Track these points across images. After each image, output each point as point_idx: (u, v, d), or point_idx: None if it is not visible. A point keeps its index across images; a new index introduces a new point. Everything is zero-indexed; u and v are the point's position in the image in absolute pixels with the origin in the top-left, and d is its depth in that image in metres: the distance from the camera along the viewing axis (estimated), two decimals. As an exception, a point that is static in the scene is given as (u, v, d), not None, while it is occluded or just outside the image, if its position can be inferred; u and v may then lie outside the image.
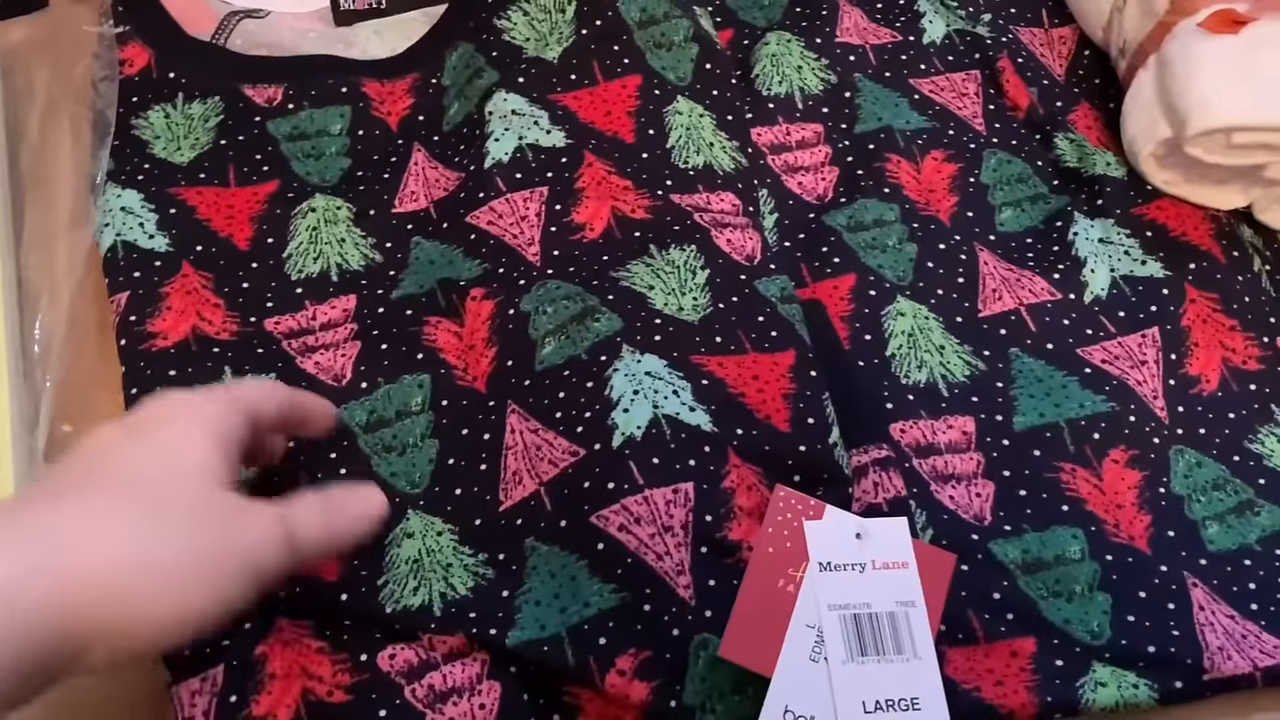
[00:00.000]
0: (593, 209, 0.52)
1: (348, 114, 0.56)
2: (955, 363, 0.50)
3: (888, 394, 0.49)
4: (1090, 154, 0.56)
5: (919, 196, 0.55)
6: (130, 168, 0.53)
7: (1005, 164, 0.57)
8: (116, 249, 0.50)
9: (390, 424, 0.47)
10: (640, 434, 0.44)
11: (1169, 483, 0.48)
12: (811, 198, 0.55)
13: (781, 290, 0.50)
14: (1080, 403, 0.49)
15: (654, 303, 0.48)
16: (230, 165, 0.54)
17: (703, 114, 0.55)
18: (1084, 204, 0.55)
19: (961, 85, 0.60)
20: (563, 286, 0.49)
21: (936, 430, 0.48)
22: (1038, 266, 0.53)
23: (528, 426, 0.45)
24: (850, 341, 0.50)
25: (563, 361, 0.46)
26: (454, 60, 0.57)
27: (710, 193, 0.53)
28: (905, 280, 0.52)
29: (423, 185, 0.54)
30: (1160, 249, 0.54)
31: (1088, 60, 0.62)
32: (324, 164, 0.54)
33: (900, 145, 0.56)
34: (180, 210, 0.52)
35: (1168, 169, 0.55)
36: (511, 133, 0.53)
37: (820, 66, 0.59)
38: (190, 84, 0.56)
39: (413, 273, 0.51)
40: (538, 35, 0.56)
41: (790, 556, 0.41)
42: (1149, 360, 0.51)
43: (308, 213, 0.53)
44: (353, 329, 0.49)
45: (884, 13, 0.62)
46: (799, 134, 0.57)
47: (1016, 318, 0.52)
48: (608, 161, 0.53)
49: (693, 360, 0.46)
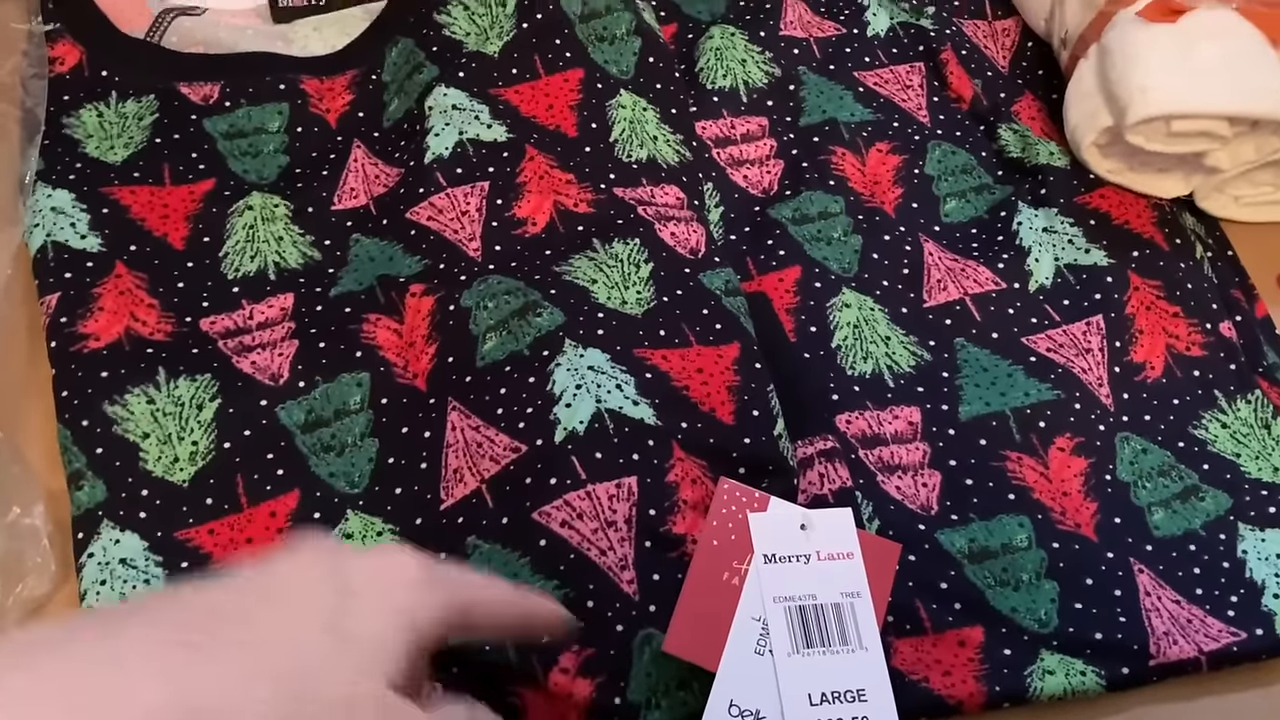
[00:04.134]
0: (535, 203, 0.51)
1: (286, 111, 0.55)
2: (901, 353, 0.50)
3: (833, 385, 0.48)
4: (1034, 144, 0.57)
5: (864, 189, 0.55)
6: (61, 167, 0.52)
7: (949, 155, 0.57)
8: (46, 249, 0.49)
9: (329, 423, 0.46)
10: (583, 429, 0.43)
11: (1115, 470, 0.48)
12: (757, 191, 0.55)
13: (726, 283, 0.49)
14: (1026, 391, 0.49)
15: (597, 296, 0.48)
16: (165, 164, 0.53)
17: (646, 107, 0.55)
18: (1028, 194, 0.55)
19: (905, 78, 0.60)
20: (504, 281, 0.48)
21: (882, 421, 0.48)
22: (982, 256, 0.53)
23: (469, 424, 0.45)
24: (796, 334, 0.50)
25: (504, 357, 0.46)
26: (394, 56, 0.57)
27: (654, 186, 0.52)
28: (850, 272, 0.52)
29: (363, 182, 0.53)
30: (1103, 237, 0.54)
31: (1030, 52, 0.62)
32: (261, 162, 0.54)
33: (845, 138, 0.56)
34: (113, 210, 0.51)
35: (1110, 158, 0.55)
36: (452, 128, 0.53)
37: (764, 60, 0.59)
38: (124, 82, 0.55)
39: (352, 270, 0.50)
40: (478, 30, 0.56)
41: (735, 549, 0.41)
42: (1094, 348, 0.51)
43: (244, 211, 0.52)
44: (290, 328, 0.48)
45: (828, 6, 0.62)
46: (743, 127, 0.57)
47: (961, 308, 0.52)
48: (550, 155, 0.52)
49: (636, 354, 0.46)
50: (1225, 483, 0.47)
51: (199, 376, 0.46)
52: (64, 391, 0.45)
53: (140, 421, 0.45)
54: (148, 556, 0.42)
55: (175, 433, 0.45)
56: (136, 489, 0.44)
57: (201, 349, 0.47)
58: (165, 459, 0.44)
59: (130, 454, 0.44)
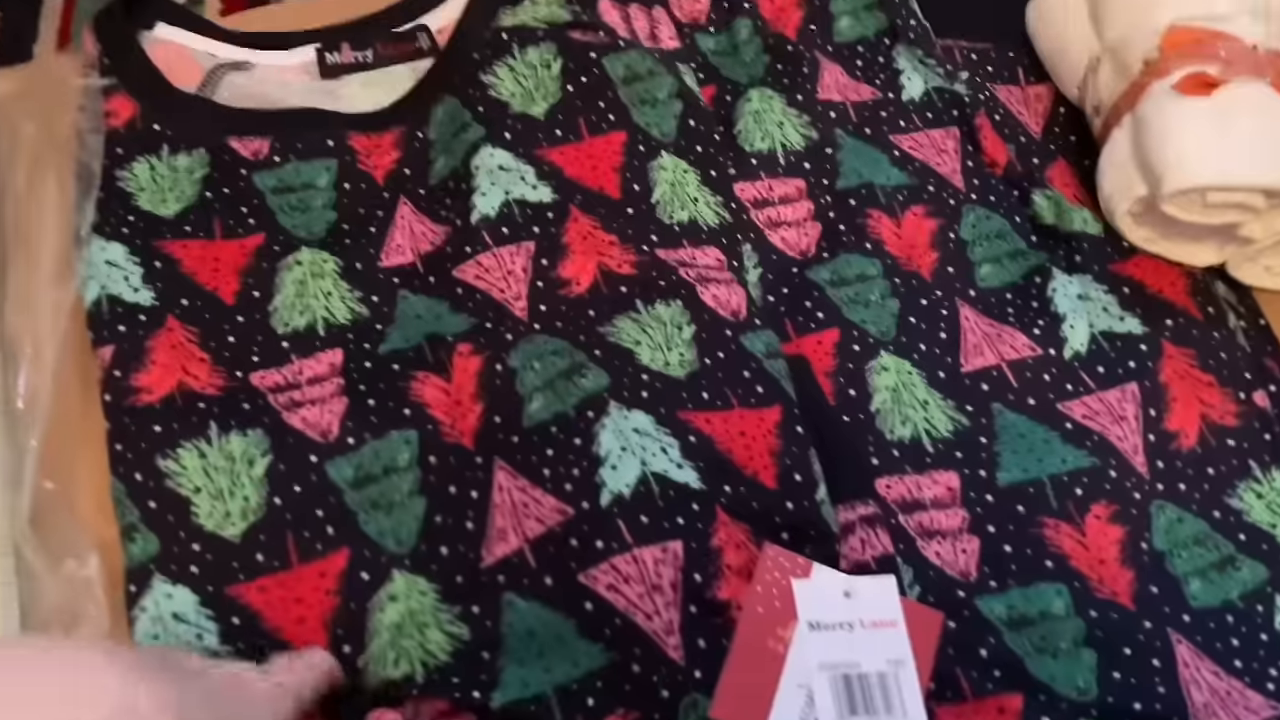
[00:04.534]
0: (579, 264, 0.52)
1: (334, 167, 0.56)
2: (939, 418, 0.51)
3: (873, 449, 0.49)
4: (1067, 211, 0.57)
5: (900, 252, 0.56)
6: (115, 220, 0.53)
7: (984, 220, 0.58)
8: (101, 303, 0.50)
9: (377, 480, 0.47)
10: (629, 492, 0.44)
11: (1151, 538, 0.48)
12: (795, 253, 0.56)
13: (767, 346, 0.50)
14: (1062, 458, 0.50)
15: (641, 358, 0.48)
16: (216, 218, 0.54)
17: (687, 169, 0.56)
18: (1062, 260, 0.56)
19: (940, 142, 0.61)
20: (550, 342, 0.49)
21: (922, 486, 0.48)
22: (1018, 322, 0.54)
23: (515, 484, 0.45)
24: (835, 397, 0.50)
25: (550, 418, 0.46)
26: (440, 115, 0.58)
27: (695, 248, 0.53)
28: (888, 336, 0.53)
29: (409, 239, 0.54)
30: (1137, 305, 0.54)
31: (1063, 118, 0.63)
32: (310, 217, 0.55)
33: (881, 201, 0.57)
34: (165, 263, 0.52)
35: (1143, 226, 0.56)
36: (498, 188, 0.54)
37: (802, 123, 0.60)
38: (176, 136, 0.56)
39: (399, 327, 0.51)
40: (524, 91, 0.57)
41: (779, 615, 0.41)
42: (1128, 416, 0.51)
43: (294, 266, 0.53)
44: (339, 384, 0.49)
45: (864, 70, 0.63)
46: (782, 189, 0.58)
47: (998, 373, 0.52)
48: (593, 217, 0.53)
49: (680, 416, 0.46)
50: (1262, 553, 0.48)
51: (250, 432, 0.47)
52: (118, 444, 0.46)
53: (192, 476, 0.46)
54: (200, 611, 0.43)
55: (227, 488, 0.46)
56: (188, 543, 0.44)
57: (252, 404, 0.48)
58: (217, 514, 0.45)
59: (182, 508, 0.45)
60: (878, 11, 0.64)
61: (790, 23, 0.64)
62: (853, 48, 0.64)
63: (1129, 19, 0.58)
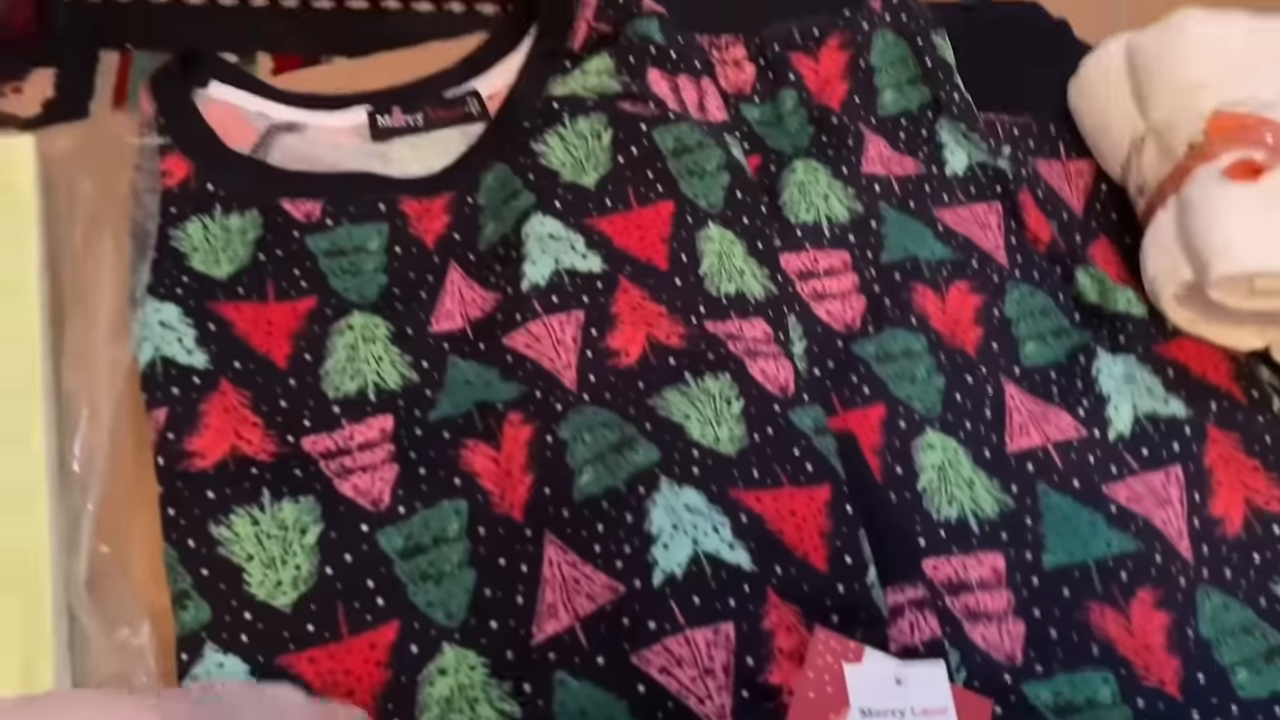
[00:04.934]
0: (628, 334, 0.52)
1: (385, 231, 0.57)
2: (984, 498, 0.51)
3: (920, 529, 0.49)
4: (1111, 290, 0.58)
5: (945, 327, 0.56)
6: (169, 281, 0.53)
7: (1028, 297, 0.58)
8: (155, 364, 0.50)
9: (427, 551, 0.47)
10: (681, 572, 0.44)
11: (1197, 625, 0.48)
12: (839, 326, 0.56)
13: (815, 422, 0.50)
14: (1107, 541, 0.50)
15: (691, 433, 0.49)
16: (269, 280, 0.54)
17: (734, 240, 0.56)
18: (1106, 340, 0.56)
19: (983, 217, 0.61)
20: (600, 414, 0.49)
21: (968, 567, 0.49)
22: (1062, 402, 0.54)
23: (565, 559, 0.46)
24: (882, 474, 0.51)
25: (601, 492, 0.47)
26: (490, 181, 0.58)
27: (742, 320, 0.54)
28: (934, 412, 0.53)
29: (459, 304, 0.55)
30: (1182, 388, 0.55)
31: (1105, 194, 0.64)
32: (362, 280, 0.55)
33: (926, 275, 0.58)
34: (219, 325, 0.52)
35: (1187, 308, 0.56)
36: (548, 256, 0.54)
37: (847, 195, 0.60)
38: (229, 197, 0.56)
39: (449, 394, 0.52)
40: (574, 161, 0.58)
41: (831, 701, 0.41)
42: (1173, 500, 0.52)
43: (345, 330, 0.53)
44: (390, 451, 0.50)
45: (907, 143, 0.64)
46: (826, 261, 0.58)
47: (1044, 454, 0.52)
48: (642, 287, 0.54)
49: (731, 495, 0.47)
50: (1308, 645, 0.48)
51: (302, 499, 0.47)
52: (170, 509, 0.47)
53: (245, 543, 0.46)
54: (251, 681, 0.43)
55: (279, 556, 0.46)
56: (240, 612, 0.45)
57: (304, 470, 0.48)
58: (268, 582, 0.45)
59: (234, 576, 0.45)
60: (921, 85, 0.65)
61: (835, 95, 0.65)
62: (896, 121, 0.64)
63: (1174, 101, 0.58)
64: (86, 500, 0.46)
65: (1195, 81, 0.58)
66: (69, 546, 0.45)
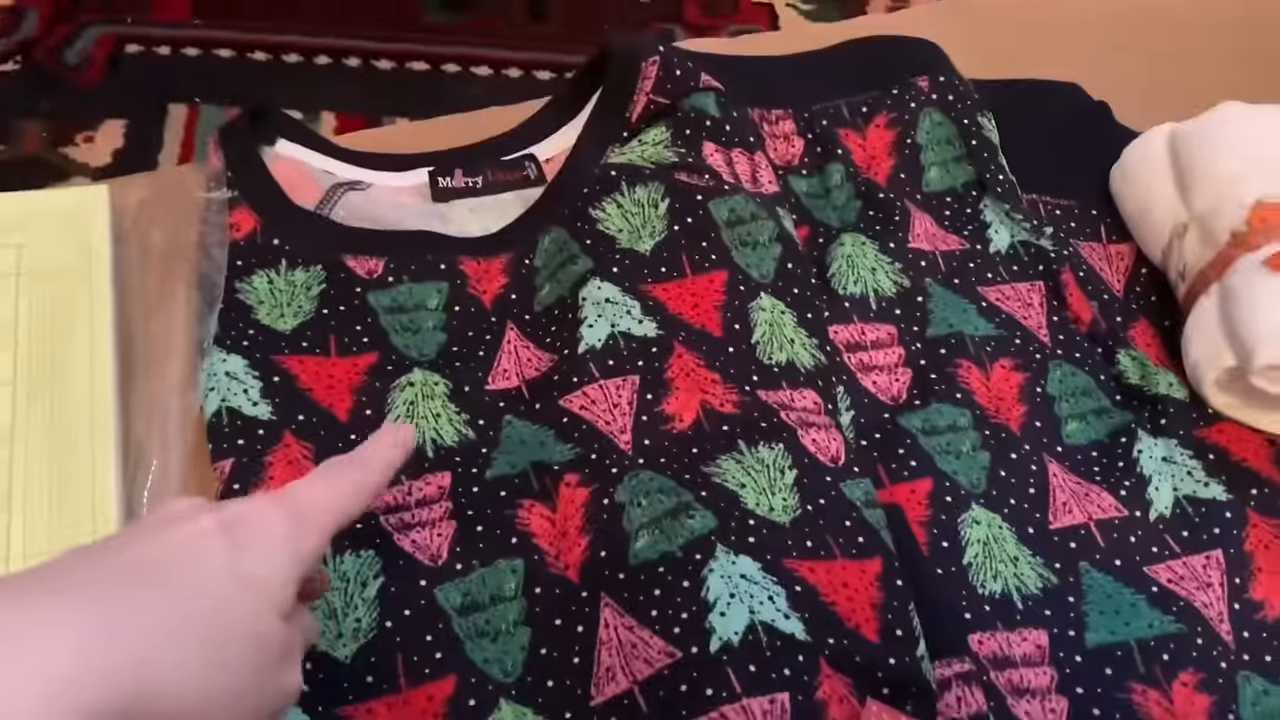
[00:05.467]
0: (682, 400, 0.53)
1: (445, 289, 0.58)
2: (1028, 574, 0.52)
3: (965, 604, 0.50)
4: (1153, 373, 0.59)
5: (989, 404, 0.57)
6: (235, 333, 0.55)
7: (1070, 376, 0.59)
8: (221, 415, 0.52)
9: (484, 608, 0.48)
10: (737, 640, 0.45)
11: (1238, 709, 0.49)
12: (886, 398, 0.57)
13: (865, 495, 0.51)
14: (1149, 622, 0.51)
15: (746, 502, 0.50)
16: (331, 335, 0.56)
17: (784, 310, 0.58)
18: (1147, 422, 0.57)
19: (1026, 295, 0.63)
20: (656, 479, 0.50)
21: (1012, 643, 0.49)
22: (1104, 482, 0.55)
23: (622, 622, 0.46)
24: (929, 548, 0.51)
25: (657, 557, 0.48)
26: (547, 244, 0.60)
27: (793, 389, 0.55)
28: (979, 488, 0.54)
29: (515, 364, 0.56)
30: (1222, 472, 0.56)
31: (1144, 278, 0.65)
32: (421, 338, 0.56)
33: (971, 351, 0.59)
34: (283, 378, 0.54)
35: (1228, 393, 0.57)
36: (604, 320, 0.55)
37: (894, 270, 0.62)
38: (294, 251, 0.58)
39: (505, 453, 0.53)
40: (630, 228, 0.59)
41: (883, 774, 0.42)
42: (1213, 583, 0.52)
43: (405, 386, 0.54)
44: (448, 507, 0.51)
45: (951, 220, 0.65)
46: (873, 334, 0.60)
47: (1086, 532, 0.53)
48: (697, 354, 0.55)
49: (785, 564, 0.47)
50: (1349, 732, 0.49)
51: (363, 553, 0.48)
52: (235, 559, 0.47)
53: (308, 595, 0.47)
54: (311, 733, 0.44)
55: (340, 608, 0.47)
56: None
57: (365, 524, 0.49)
58: (329, 634, 0.46)
59: (297, 627, 0.46)
60: (966, 164, 0.67)
61: (881, 170, 0.66)
62: (941, 198, 0.66)
63: (1216, 191, 0.60)
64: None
65: (1237, 173, 0.59)
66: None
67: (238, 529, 0.34)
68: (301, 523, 0.36)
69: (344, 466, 0.41)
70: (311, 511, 0.37)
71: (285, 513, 0.36)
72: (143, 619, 0.29)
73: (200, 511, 0.34)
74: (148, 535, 0.33)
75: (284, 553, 0.35)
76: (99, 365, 0.52)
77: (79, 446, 0.50)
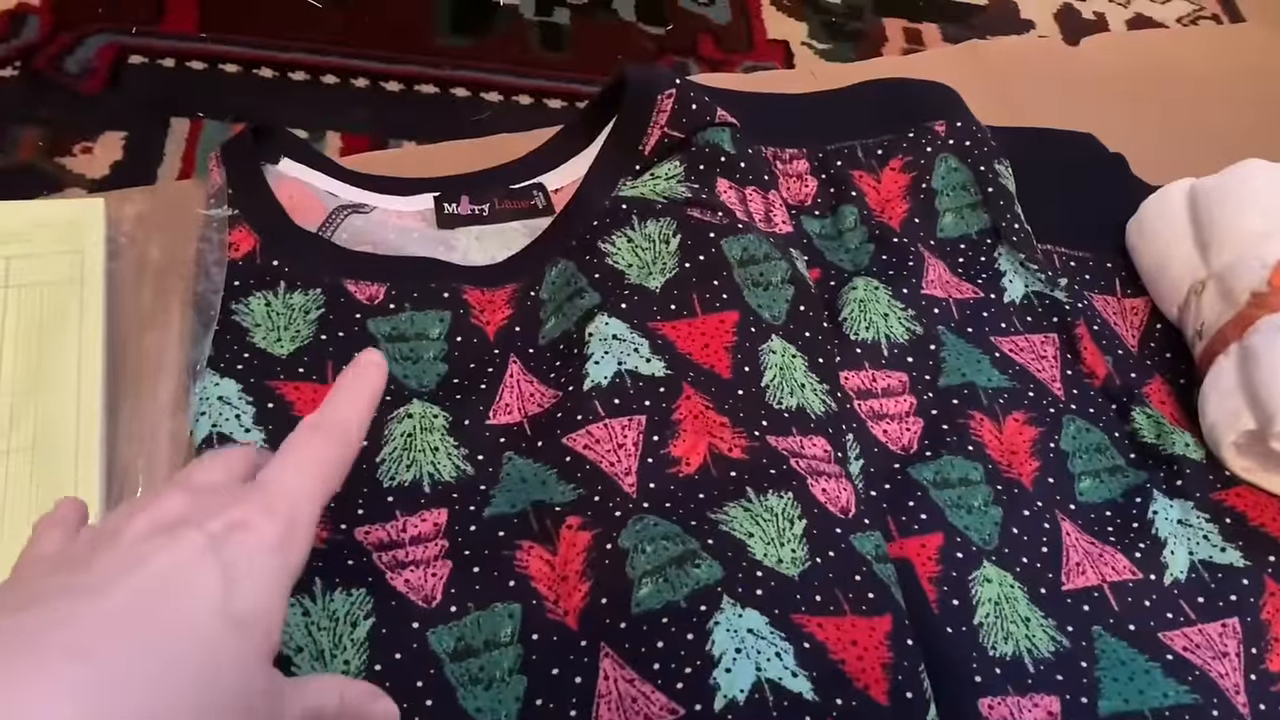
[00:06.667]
0: (690, 443, 0.52)
1: (447, 319, 0.56)
2: (1040, 636, 0.50)
3: (976, 665, 0.48)
4: (1169, 432, 0.58)
5: (1001, 458, 0.56)
6: (230, 355, 0.53)
7: (1084, 432, 0.58)
8: (211, 440, 0.50)
9: (478, 654, 0.46)
10: (743, 698, 0.43)
11: (1254, 785, 0.47)
12: (896, 447, 0.56)
13: (876, 548, 0.50)
14: (1164, 692, 0.49)
15: (754, 552, 0.48)
16: (329, 361, 0.54)
17: (795, 354, 0.56)
18: (1163, 483, 0.56)
19: (1040, 347, 0.61)
20: (661, 525, 0.48)
21: (1023, 708, 0.48)
22: (1119, 543, 0.54)
23: (623, 675, 0.45)
24: (939, 605, 0.50)
25: (660, 607, 0.46)
26: (553, 276, 0.58)
27: (803, 436, 0.53)
28: (990, 545, 0.52)
29: (517, 399, 0.54)
30: (1240, 538, 0.54)
31: (1159, 334, 0.64)
32: (421, 368, 0.55)
33: (983, 403, 0.58)
34: (277, 405, 0.52)
35: (1246, 456, 0.56)
36: (611, 357, 0.54)
37: (906, 316, 0.60)
38: (293, 273, 0.56)
39: (504, 490, 0.51)
40: (640, 263, 0.58)
41: (892, 846, 0.40)
42: (1230, 653, 0.51)
43: (404, 418, 0.52)
44: (443, 546, 0.49)
45: (965, 268, 0.64)
46: (885, 381, 0.58)
47: (1099, 594, 0.52)
48: (706, 396, 0.54)
49: (793, 620, 0.46)
50: (1367, 813, 0.47)
51: (354, 591, 0.46)
52: (220, 592, 0.45)
53: (294, 634, 0.45)
54: (294, 781, 0.42)
55: (329, 649, 0.45)
56: (285, 705, 0.43)
57: (357, 560, 0.48)
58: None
59: (282, 668, 0.44)
60: (982, 211, 0.66)
61: (896, 215, 0.65)
62: (955, 245, 0.65)
63: (1237, 248, 0.59)
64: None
65: (1259, 231, 0.59)
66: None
67: (228, 545, 0.31)
68: (291, 527, 0.33)
69: (322, 440, 0.37)
70: (299, 509, 0.34)
71: (274, 518, 0.33)
72: (136, 680, 0.27)
73: (186, 526, 0.31)
74: (132, 559, 0.30)
75: (276, 576, 0.32)
76: (87, 383, 0.50)
77: (62, 466, 0.48)
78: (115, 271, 0.55)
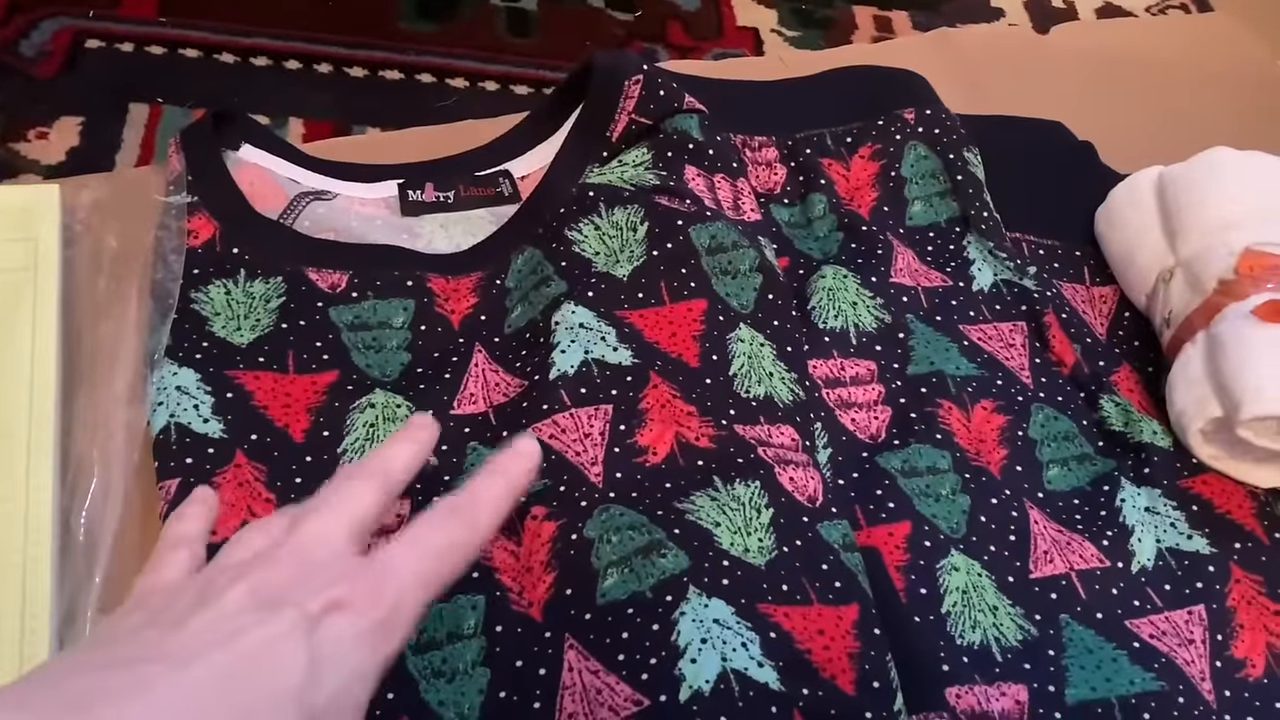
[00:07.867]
0: (657, 432, 0.51)
1: (411, 307, 0.56)
2: (1008, 625, 0.50)
3: (943, 654, 0.48)
4: (1136, 420, 0.58)
5: (970, 445, 0.56)
6: (189, 345, 0.52)
7: (1052, 420, 0.58)
8: (169, 431, 0.49)
9: (440, 646, 0.45)
10: (708, 689, 0.42)
11: (1220, 772, 0.47)
12: (865, 436, 0.56)
13: (843, 537, 0.49)
14: (1131, 679, 0.49)
15: (720, 541, 0.47)
16: (290, 350, 0.53)
17: (763, 343, 0.56)
18: (1130, 470, 0.56)
19: (1009, 336, 0.61)
20: (627, 515, 0.48)
21: (990, 696, 0.47)
22: (1086, 531, 0.54)
23: (587, 666, 0.44)
24: (906, 594, 0.50)
25: (626, 597, 0.45)
26: (520, 264, 0.58)
27: (771, 425, 0.53)
28: (958, 533, 0.52)
29: (482, 389, 0.54)
30: (1205, 525, 0.54)
31: (1128, 322, 0.64)
32: (384, 357, 0.54)
33: (951, 391, 0.57)
34: (237, 395, 0.51)
35: (1212, 444, 0.56)
36: (578, 345, 0.53)
37: (875, 305, 0.60)
38: (254, 261, 0.55)
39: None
40: (608, 251, 0.57)
41: (858, 836, 0.40)
42: (1196, 639, 0.51)
43: (366, 408, 0.52)
44: (406, 538, 0.48)
45: (934, 256, 0.64)
46: (853, 370, 0.58)
47: (1067, 583, 0.52)
48: (673, 385, 0.53)
49: (759, 609, 0.45)
50: (1332, 798, 0.47)
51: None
52: (177, 586, 0.45)
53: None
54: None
55: (288, 643, 0.44)
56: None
57: (318, 553, 0.47)
58: (275, 670, 0.43)
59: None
60: (951, 199, 0.65)
61: (865, 203, 0.65)
62: (924, 233, 0.65)
63: (1205, 236, 0.59)
64: (93, 572, 0.44)
65: (1227, 219, 0.59)
66: (69, 619, 0.43)
67: (322, 627, 0.30)
68: (394, 614, 0.32)
69: (455, 522, 0.36)
70: (406, 597, 0.32)
71: (377, 604, 0.31)
72: None
73: (286, 605, 0.30)
74: (224, 634, 0.29)
75: (364, 666, 0.30)
76: (41, 372, 0.49)
77: (15, 455, 0.47)
78: (71, 259, 0.53)
